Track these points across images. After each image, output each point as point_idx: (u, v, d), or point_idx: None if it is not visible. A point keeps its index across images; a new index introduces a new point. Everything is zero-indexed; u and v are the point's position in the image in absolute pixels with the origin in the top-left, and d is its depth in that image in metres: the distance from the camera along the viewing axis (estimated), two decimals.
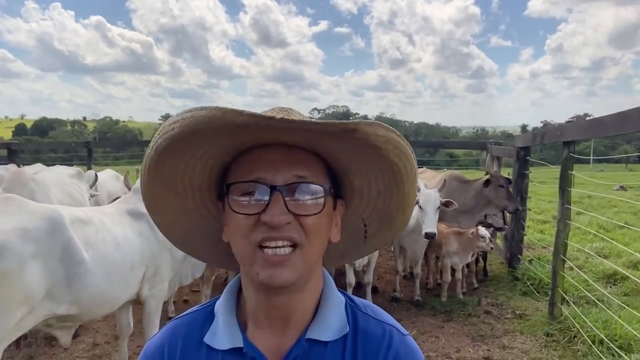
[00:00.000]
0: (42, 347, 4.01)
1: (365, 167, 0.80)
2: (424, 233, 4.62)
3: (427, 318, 4.78)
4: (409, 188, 0.83)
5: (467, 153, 17.19)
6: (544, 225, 8.98)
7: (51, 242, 2.51)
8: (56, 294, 2.54)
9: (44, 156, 13.87)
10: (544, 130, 5.42)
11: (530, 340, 4.15)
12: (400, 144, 0.75)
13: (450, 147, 13.36)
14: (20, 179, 3.85)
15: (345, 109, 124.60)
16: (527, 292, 5.28)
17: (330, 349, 0.81)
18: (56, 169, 5.14)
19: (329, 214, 0.80)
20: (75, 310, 2.65)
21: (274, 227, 0.72)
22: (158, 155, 0.76)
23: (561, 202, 4.18)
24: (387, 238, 0.94)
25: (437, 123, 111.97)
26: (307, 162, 0.77)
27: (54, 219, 2.56)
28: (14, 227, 2.39)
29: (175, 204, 0.85)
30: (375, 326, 0.84)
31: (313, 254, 0.78)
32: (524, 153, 5.77)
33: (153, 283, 3.20)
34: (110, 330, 4.37)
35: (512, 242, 5.94)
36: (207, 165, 0.80)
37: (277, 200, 0.73)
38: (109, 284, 2.77)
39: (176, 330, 0.87)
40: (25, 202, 2.61)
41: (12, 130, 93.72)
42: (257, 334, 0.83)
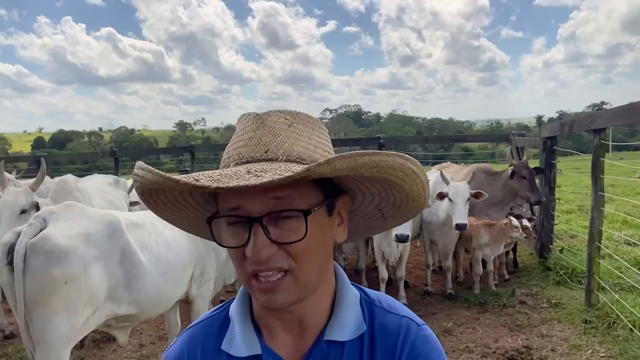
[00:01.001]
0: (91, 350, 4.16)
1: (351, 180, 0.78)
2: (454, 224, 4.67)
3: (461, 310, 4.82)
4: (410, 186, 0.79)
5: (482, 146, 17.08)
6: (569, 215, 8.94)
7: (111, 245, 2.64)
8: (117, 294, 2.68)
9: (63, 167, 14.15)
10: (572, 119, 5.41)
11: (569, 328, 4.17)
12: (375, 162, 0.71)
13: (473, 140, 13.23)
14: (65, 187, 4.01)
15: (357, 108, 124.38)
16: (560, 281, 5.29)
17: (347, 348, 0.81)
18: (95, 178, 5.31)
19: (322, 227, 0.76)
20: (134, 310, 2.79)
21: (256, 262, 0.71)
22: (141, 194, 0.80)
23: (594, 189, 4.20)
24: (407, 217, 0.90)
25: (450, 118, 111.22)
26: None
27: (113, 224, 2.70)
28: (77, 233, 2.54)
29: (184, 215, 0.87)
30: (391, 320, 0.84)
31: (308, 275, 0.75)
32: (551, 143, 5.77)
33: (200, 282, 3.32)
34: (154, 331, 4.51)
35: (542, 233, 5.94)
36: (193, 191, 0.79)
37: (257, 233, 0.71)
38: (164, 283, 2.89)
39: (194, 338, 0.87)
40: (85, 209, 2.76)
41: (30, 144, 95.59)
42: (274, 338, 0.82)
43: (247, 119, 0.80)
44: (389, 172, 0.74)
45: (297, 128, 0.78)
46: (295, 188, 0.72)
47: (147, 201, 0.82)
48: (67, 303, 2.43)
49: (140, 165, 0.74)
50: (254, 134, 0.77)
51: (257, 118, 0.78)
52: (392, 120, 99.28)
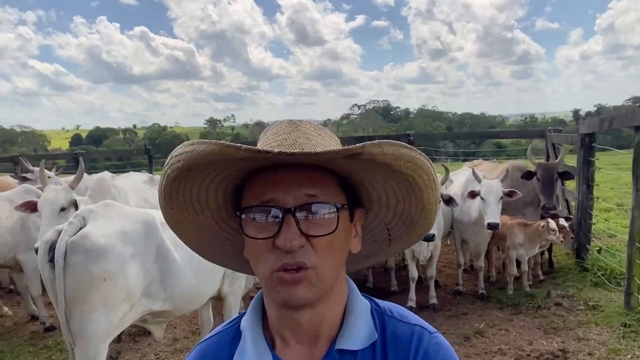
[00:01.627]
0: (128, 343, 4.29)
1: (380, 179, 0.79)
2: (486, 223, 4.58)
3: (494, 311, 4.73)
4: (429, 195, 0.81)
5: (516, 142, 16.65)
6: (608, 214, 8.63)
7: (147, 243, 2.72)
8: (152, 291, 2.76)
9: (99, 164, 14.58)
10: (612, 115, 5.20)
11: (607, 332, 4.04)
12: (413, 157, 0.74)
13: (506, 136, 12.91)
14: (103, 186, 4.13)
15: (386, 103, 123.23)
16: (598, 282, 5.12)
17: (360, 357, 0.80)
18: (130, 176, 5.46)
19: (345, 229, 0.79)
20: (169, 306, 2.86)
21: (288, 251, 0.73)
22: (170, 183, 0.78)
23: (635, 188, 4.04)
24: (412, 240, 0.92)
25: (482, 112, 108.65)
26: (319, 180, 0.76)
27: (149, 222, 2.77)
28: (115, 231, 2.62)
29: (195, 221, 0.86)
30: (403, 329, 0.84)
31: (328, 273, 0.77)
32: (589, 139, 5.57)
33: (232, 280, 3.38)
34: (187, 326, 4.61)
35: (580, 232, 5.76)
36: (220, 186, 0.80)
37: (289, 223, 0.73)
38: (197, 281, 2.96)
39: (206, 353, 0.87)
40: (122, 208, 2.84)
41: (68, 140, 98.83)
42: (286, 349, 0.82)
43: (281, 124, 0.83)
44: (419, 173, 0.77)
45: (324, 138, 0.83)
46: (326, 188, 0.76)
47: (169, 198, 0.81)
48: (105, 299, 2.51)
49: (188, 142, 0.73)
50: (288, 136, 0.79)
51: (292, 123, 0.82)
52: (422, 116, 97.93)
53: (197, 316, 4.73)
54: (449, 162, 12.03)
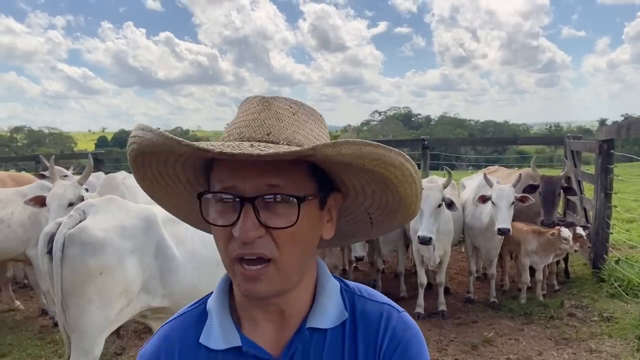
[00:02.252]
0: (133, 340, 4.32)
1: (350, 172, 0.76)
2: (496, 229, 4.48)
3: (504, 320, 4.62)
4: (405, 189, 0.78)
5: (540, 150, 16.37)
6: (630, 224, 8.37)
7: (146, 239, 2.72)
8: (151, 287, 2.76)
9: (123, 165, 14.82)
10: (630, 122, 5.05)
11: (620, 344, 3.90)
12: (379, 154, 0.70)
13: (524, 143, 12.70)
14: (112, 183, 4.19)
15: (407, 110, 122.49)
16: (614, 294, 4.95)
17: (330, 335, 0.81)
18: None
19: (311, 219, 0.75)
20: (167, 303, 2.85)
21: (245, 242, 0.70)
22: (133, 160, 0.77)
23: None
24: (394, 226, 0.90)
25: (505, 120, 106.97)
26: (284, 168, 0.71)
27: (149, 218, 2.77)
28: (113, 226, 2.63)
29: (169, 191, 0.86)
30: (372, 307, 0.84)
31: (292, 266, 0.74)
32: (608, 146, 5.41)
33: None
34: None
35: (597, 242, 5.58)
36: (186, 164, 0.78)
37: (247, 213, 0.70)
38: (197, 278, 2.95)
39: (170, 335, 0.85)
40: (124, 203, 2.86)
41: (94, 142, 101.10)
42: (254, 329, 0.81)
43: (253, 101, 0.79)
44: (389, 169, 0.73)
45: (300, 117, 0.78)
46: (291, 177, 0.72)
47: (137, 171, 0.80)
48: (102, 293, 2.52)
49: (140, 125, 0.72)
50: (257, 116, 0.76)
51: (263, 101, 0.78)
52: (443, 123, 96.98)
53: None
54: (471, 169, 11.89)
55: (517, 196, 4.56)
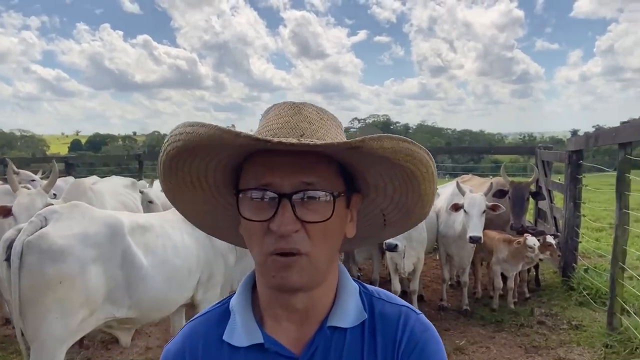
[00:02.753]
0: (99, 350, 4.19)
1: (379, 170, 0.80)
2: (468, 237, 4.52)
3: (476, 328, 4.65)
4: (426, 187, 0.82)
5: (514, 159, 16.70)
6: (599, 233, 8.57)
7: (111, 247, 2.64)
8: (116, 298, 2.67)
9: (97, 169, 14.56)
10: (597, 132, 5.18)
11: (588, 352, 3.96)
12: (412, 151, 0.75)
13: (497, 152, 12.95)
14: (79, 189, 4.07)
15: (386, 118, 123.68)
16: (583, 302, 5.04)
17: (350, 335, 0.83)
18: (112, 180, 5.41)
19: (340, 216, 0.80)
20: (134, 314, 2.77)
21: (282, 235, 0.73)
22: (169, 160, 0.79)
23: (618, 206, 3.99)
24: (407, 226, 0.94)
25: (481, 130, 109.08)
26: (317, 167, 0.76)
27: (114, 226, 2.69)
28: (76, 233, 2.54)
29: (194, 197, 0.87)
30: (390, 309, 0.87)
31: (322, 260, 0.78)
32: (577, 157, 5.54)
33: (207, 288, 3.30)
34: (162, 334, 4.51)
35: (566, 250, 5.69)
36: (219, 165, 0.81)
37: (284, 207, 0.73)
38: (167, 288, 2.88)
39: (195, 332, 0.87)
40: (89, 209, 2.76)
41: (68, 146, 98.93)
42: (276, 327, 0.83)
43: (283, 106, 0.83)
44: (417, 166, 0.78)
45: (327, 122, 0.83)
46: (323, 176, 0.77)
47: (169, 175, 0.82)
48: (61, 303, 2.43)
49: (189, 122, 0.74)
50: (290, 119, 0.79)
51: (294, 106, 0.82)
52: (421, 131, 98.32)
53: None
54: (447, 177, 12.07)
55: (488, 205, 4.62)
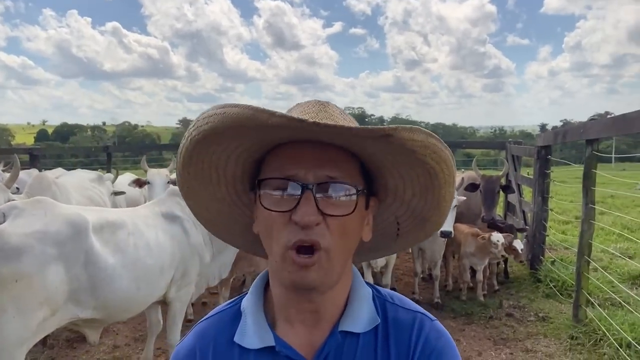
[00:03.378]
0: (64, 349, 4.06)
1: (401, 168, 0.78)
2: (439, 232, 4.56)
3: (447, 321, 4.71)
4: (446, 192, 0.81)
5: (485, 153, 17.00)
6: (566, 226, 8.81)
7: (73, 246, 2.53)
8: (80, 298, 2.57)
9: (65, 161, 14.13)
10: (565, 129, 5.30)
11: (554, 344, 4.06)
12: (439, 148, 0.74)
13: (469, 147, 13.17)
14: (42, 183, 3.91)
15: (361, 111, 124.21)
16: (550, 294, 5.17)
17: (362, 340, 0.81)
18: (77, 173, 5.23)
19: (361, 214, 0.79)
20: (100, 315, 2.68)
21: (304, 227, 0.72)
22: (193, 146, 0.77)
23: (585, 201, 4.08)
24: (419, 237, 0.92)
25: (454, 123, 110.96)
26: (340, 162, 0.76)
27: (78, 224, 2.57)
28: (35, 230, 2.42)
29: (209, 191, 0.86)
30: (404, 315, 0.85)
31: (341, 256, 0.77)
32: (545, 152, 5.65)
33: (180, 286, 3.23)
34: (130, 332, 4.41)
35: (534, 244, 5.82)
36: (240, 157, 0.80)
37: (308, 198, 0.72)
38: (136, 289, 2.78)
39: (206, 332, 0.87)
40: (53, 206, 2.63)
41: (34, 136, 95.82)
42: (288, 330, 0.82)
43: (308, 103, 0.83)
44: (441, 166, 0.76)
45: (349, 123, 0.81)
46: (347, 171, 0.76)
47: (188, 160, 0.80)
48: (18, 302, 2.30)
49: (219, 105, 0.73)
50: (316, 115, 0.78)
51: (320, 103, 0.83)
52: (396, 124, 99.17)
53: (141, 322, 4.54)
54: None
55: (459, 199, 4.67)
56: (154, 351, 4.00)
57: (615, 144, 41.47)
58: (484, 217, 5.29)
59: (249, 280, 5.38)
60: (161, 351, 3.98)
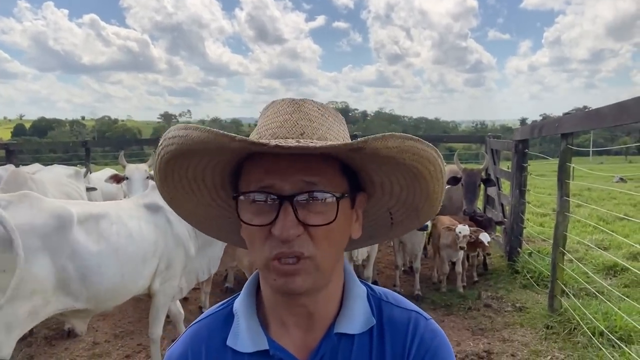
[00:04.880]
0: (42, 347, 4.01)
1: (384, 170, 0.77)
2: None
3: (427, 312, 4.73)
4: (434, 185, 0.79)
5: (467, 147, 17.18)
6: (543, 218, 8.98)
7: (59, 238, 2.60)
8: (72, 289, 2.65)
9: (43, 156, 13.86)
10: (542, 123, 5.39)
11: (530, 333, 4.15)
12: (419, 149, 0.72)
13: (450, 141, 13.34)
14: (18, 179, 3.85)
15: (345, 105, 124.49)
16: (526, 285, 5.28)
17: (357, 341, 0.80)
18: (54, 169, 5.14)
19: (345, 217, 0.77)
20: (92, 305, 2.76)
21: (284, 241, 0.70)
22: (164, 164, 0.77)
23: (560, 194, 4.17)
24: (414, 225, 0.91)
25: (436, 118, 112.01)
26: (319, 167, 0.73)
27: (63, 217, 2.64)
28: (21, 223, 2.48)
29: (192, 200, 0.85)
30: (399, 314, 0.85)
31: (327, 262, 0.75)
32: (523, 146, 5.76)
33: (165, 277, 3.25)
34: (110, 329, 4.37)
35: (512, 235, 5.93)
36: (217, 167, 0.78)
37: (286, 211, 0.70)
38: (120, 276, 2.85)
39: (197, 336, 0.85)
40: (38, 200, 2.71)
41: (11, 131, 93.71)
42: (281, 333, 0.81)
43: (282, 103, 0.80)
44: (425, 165, 0.74)
45: (328, 119, 0.80)
46: (326, 176, 0.73)
47: (164, 176, 0.79)
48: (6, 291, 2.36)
49: (182, 125, 0.71)
50: (289, 117, 0.77)
51: (293, 103, 0.79)
52: (379, 119, 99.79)
53: (121, 319, 4.53)
54: None
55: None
56: (135, 347, 3.99)
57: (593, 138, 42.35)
58: (466, 210, 5.38)
59: (231, 276, 5.38)
60: (142, 347, 3.97)
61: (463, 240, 4.85)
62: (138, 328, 4.34)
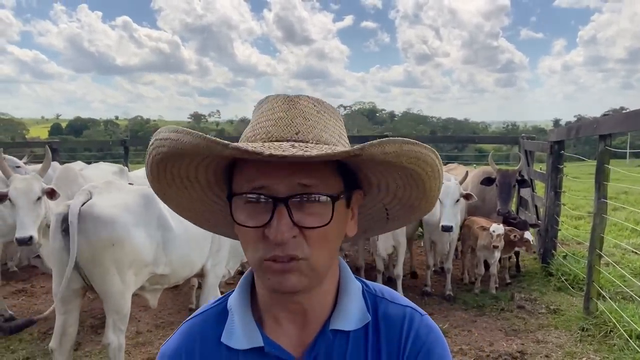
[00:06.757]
0: (89, 334, 4.23)
1: (380, 170, 0.77)
2: (440, 226, 4.63)
3: (459, 312, 4.80)
4: (432, 184, 0.79)
5: (497, 148, 16.92)
6: (578, 221, 8.82)
7: (148, 213, 3.04)
8: (157, 256, 3.09)
9: (79, 154, 14.35)
10: (578, 124, 5.33)
11: (565, 335, 4.13)
12: (416, 152, 0.71)
13: (481, 142, 13.12)
14: (69, 175, 4.07)
15: (372, 105, 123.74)
16: (561, 287, 5.23)
17: (352, 338, 0.81)
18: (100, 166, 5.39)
19: (341, 217, 0.76)
20: (168, 270, 3.18)
21: (278, 243, 0.69)
22: (156, 164, 0.76)
23: (597, 196, 4.13)
24: (410, 220, 0.90)
25: (465, 118, 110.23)
26: (314, 167, 0.71)
27: (147, 195, 3.06)
28: (118, 203, 2.94)
29: (186, 195, 0.84)
30: (394, 310, 0.84)
31: (322, 263, 0.74)
32: (558, 147, 5.69)
33: (215, 260, 3.56)
34: (152, 320, 4.57)
35: (546, 238, 5.87)
36: (209, 166, 0.77)
37: (281, 213, 0.69)
38: (189, 249, 3.27)
39: (191, 332, 0.84)
40: (122, 185, 3.23)
41: (48, 130, 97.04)
42: (276, 329, 0.81)
43: (277, 99, 0.78)
44: (422, 167, 0.74)
45: (324, 116, 0.78)
46: (321, 177, 0.71)
47: (158, 176, 0.79)
48: (116, 262, 2.83)
49: (174, 128, 0.70)
50: (284, 115, 0.75)
51: (288, 100, 0.77)
52: (406, 119, 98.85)
53: (161, 310, 4.72)
54: None
55: (462, 193, 4.72)
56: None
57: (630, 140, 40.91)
58: (499, 210, 5.35)
59: None
60: None
61: (497, 239, 4.84)
62: (177, 319, 4.52)
